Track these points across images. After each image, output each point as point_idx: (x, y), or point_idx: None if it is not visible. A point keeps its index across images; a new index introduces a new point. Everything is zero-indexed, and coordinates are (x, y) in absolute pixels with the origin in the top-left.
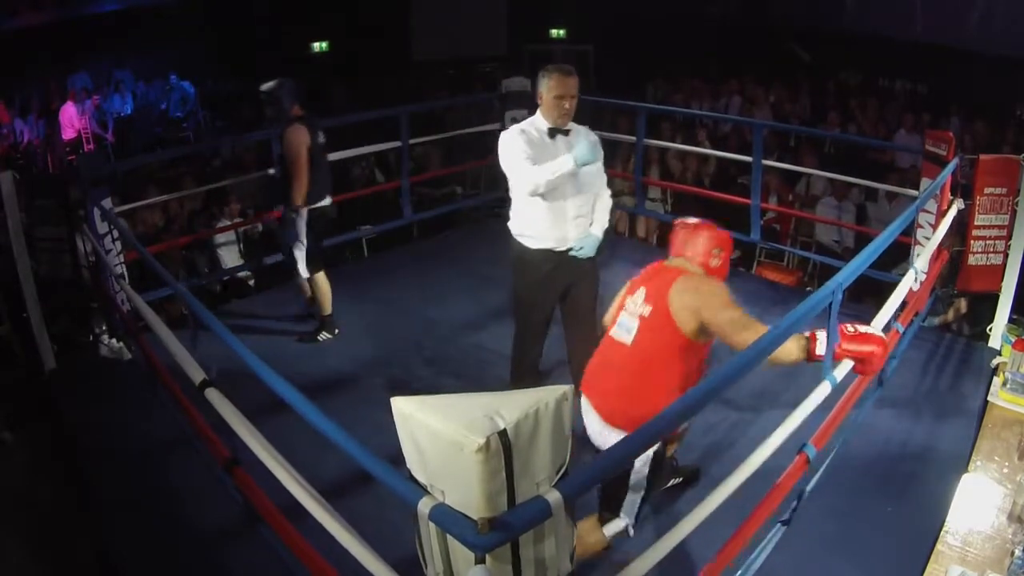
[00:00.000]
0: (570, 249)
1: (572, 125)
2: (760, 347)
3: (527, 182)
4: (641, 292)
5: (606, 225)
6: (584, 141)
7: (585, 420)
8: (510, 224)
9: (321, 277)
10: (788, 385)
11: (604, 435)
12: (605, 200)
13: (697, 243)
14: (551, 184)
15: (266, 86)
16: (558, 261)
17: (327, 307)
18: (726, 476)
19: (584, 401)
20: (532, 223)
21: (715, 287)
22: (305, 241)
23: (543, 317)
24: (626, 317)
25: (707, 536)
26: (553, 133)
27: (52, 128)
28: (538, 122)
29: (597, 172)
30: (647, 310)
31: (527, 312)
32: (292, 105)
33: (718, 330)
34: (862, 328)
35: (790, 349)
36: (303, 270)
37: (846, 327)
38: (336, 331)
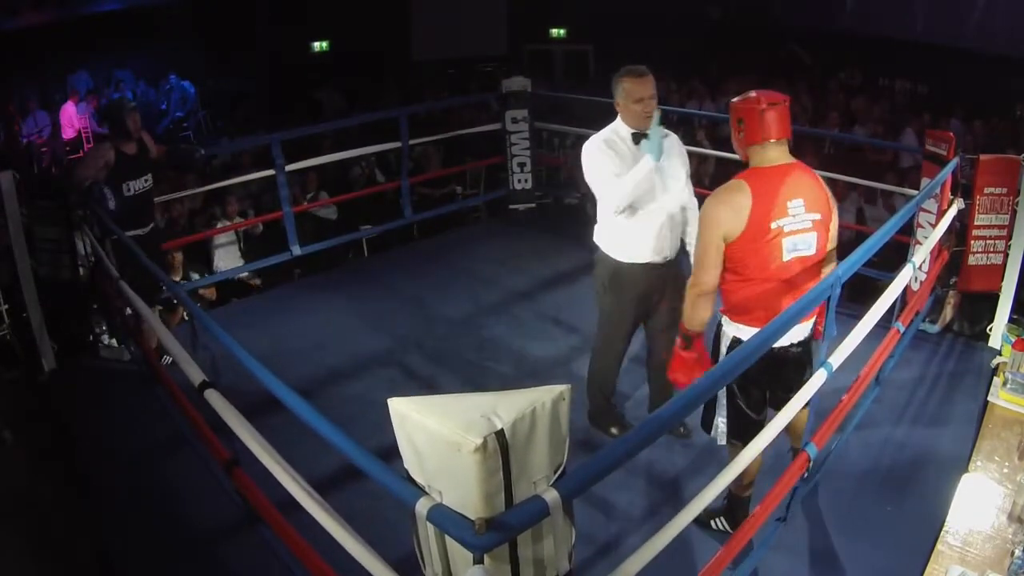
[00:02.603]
0: (668, 260)
1: (653, 127)
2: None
3: (612, 200)
4: (798, 203)
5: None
6: (656, 138)
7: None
8: (598, 239)
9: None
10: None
11: (801, 330)
12: (695, 211)
13: (788, 116)
14: (637, 191)
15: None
16: (655, 274)
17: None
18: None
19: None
20: (629, 236)
21: None
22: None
23: (631, 332)
24: (796, 237)
25: (709, 536)
26: (637, 138)
27: (53, 128)
28: (620, 129)
29: (684, 175)
30: (816, 216)
31: (616, 330)
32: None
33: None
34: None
35: (703, 317)
36: None
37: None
38: None
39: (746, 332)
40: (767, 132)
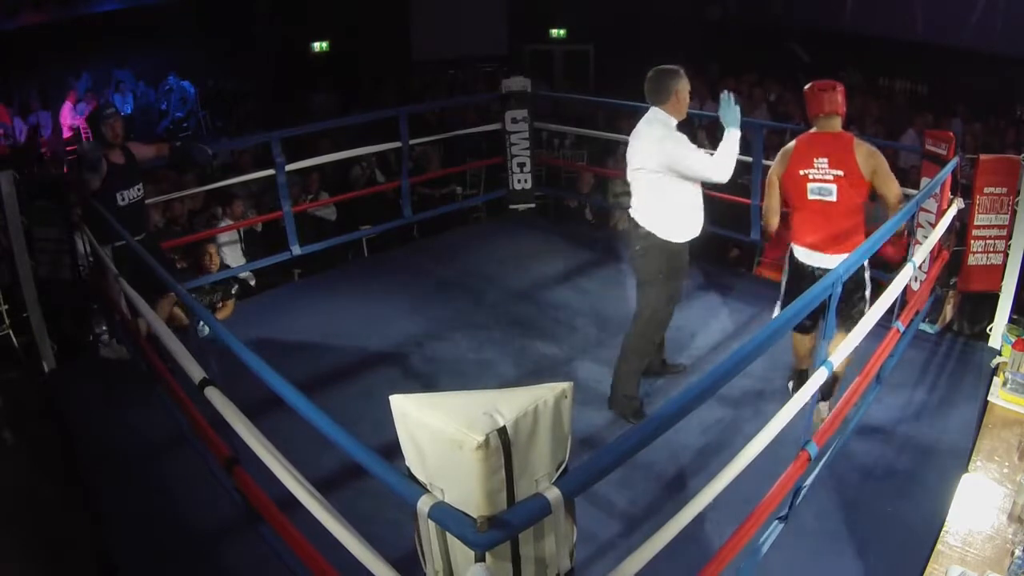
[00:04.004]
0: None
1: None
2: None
3: (722, 173)
4: (823, 161)
5: None
6: (730, 111)
7: (800, 258)
8: (653, 227)
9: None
10: (787, 382)
11: (826, 260)
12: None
13: (836, 98)
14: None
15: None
16: (689, 248)
17: None
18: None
19: (800, 248)
20: (683, 217)
21: (882, 156)
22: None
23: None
24: (819, 184)
25: (710, 532)
26: (680, 127)
27: (53, 127)
28: (671, 120)
29: None
30: (840, 173)
31: (670, 303)
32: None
33: (880, 185)
34: None
35: (772, 223)
36: None
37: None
38: None
39: (795, 248)
40: (816, 108)
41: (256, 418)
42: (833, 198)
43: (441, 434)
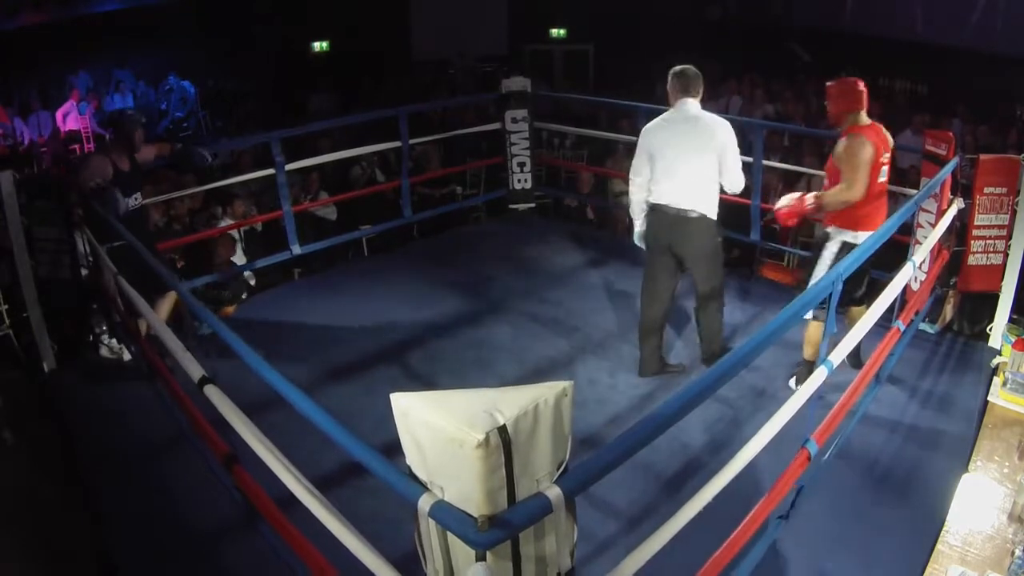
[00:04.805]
0: None
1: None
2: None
3: (742, 180)
4: (885, 151)
5: None
6: None
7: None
8: (707, 209)
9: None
10: (788, 381)
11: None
12: None
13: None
14: None
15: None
16: None
17: None
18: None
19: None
20: (717, 200)
21: None
22: None
23: None
24: (885, 167)
25: (710, 531)
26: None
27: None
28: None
29: None
30: (888, 155)
31: (723, 255)
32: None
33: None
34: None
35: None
36: None
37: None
38: None
39: (861, 237)
40: (866, 102)
41: (256, 416)
42: (885, 179)
43: (441, 432)
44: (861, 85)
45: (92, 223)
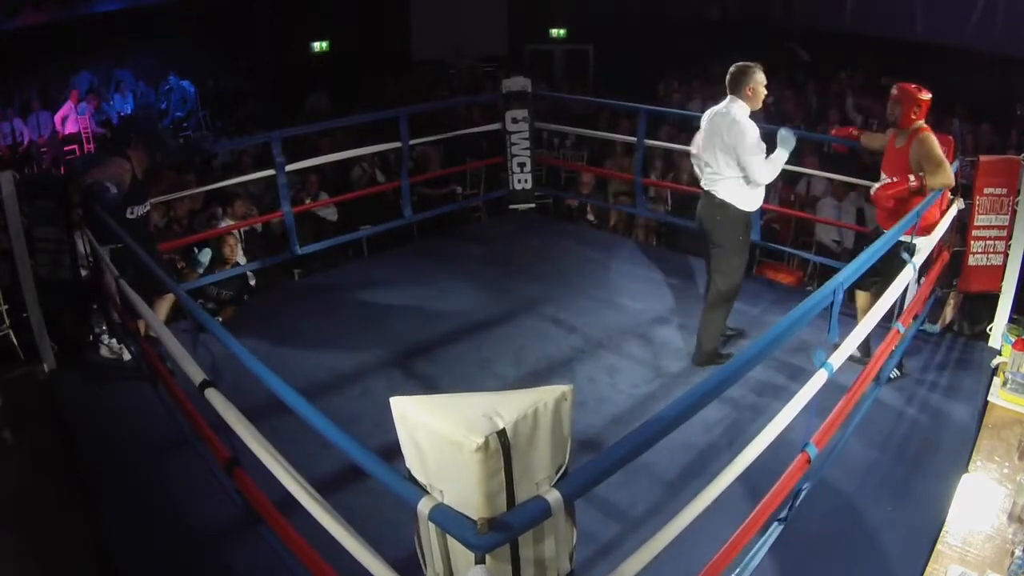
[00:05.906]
0: None
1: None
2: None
3: (766, 176)
4: None
5: None
6: (783, 131)
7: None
8: (731, 199)
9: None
10: (788, 383)
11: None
12: None
13: None
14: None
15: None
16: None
17: None
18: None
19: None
20: (755, 193)
21: None
22: None
23: None
24: None
25: (709, 534)
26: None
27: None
28: (745, 110)
29: None
30: None
31: (743, 269)
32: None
33: None
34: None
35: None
36: None
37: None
38: None
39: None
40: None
41: (256, 419)
42: None
43: (441, 436)
44: (924, 94)
45: (92, 223)
